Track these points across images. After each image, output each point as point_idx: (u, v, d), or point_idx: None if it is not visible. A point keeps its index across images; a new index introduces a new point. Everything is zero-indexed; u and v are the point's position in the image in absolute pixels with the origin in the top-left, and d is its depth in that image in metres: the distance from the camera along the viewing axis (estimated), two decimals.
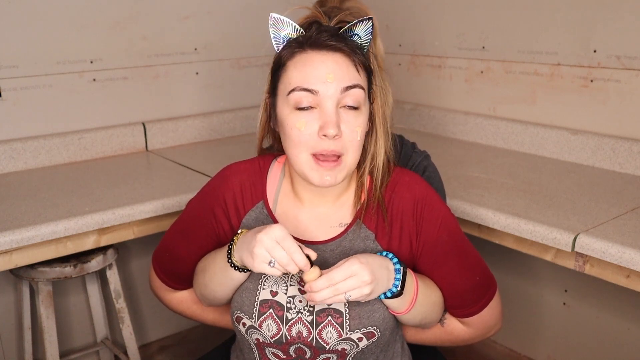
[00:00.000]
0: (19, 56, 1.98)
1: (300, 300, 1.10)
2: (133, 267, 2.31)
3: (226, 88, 2.44)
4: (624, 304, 1.95)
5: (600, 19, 1.89)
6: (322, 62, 1.01)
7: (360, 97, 1.03)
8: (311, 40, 1.03)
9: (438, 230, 1.11)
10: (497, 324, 1.24)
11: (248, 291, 1.11)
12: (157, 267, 1.27)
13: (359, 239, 1.11)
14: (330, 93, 1.01)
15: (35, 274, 1.74)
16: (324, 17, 1.07)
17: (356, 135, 1.03)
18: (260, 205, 1.15)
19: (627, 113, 1.88)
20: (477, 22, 2.23)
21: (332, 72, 1.00)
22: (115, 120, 2.21)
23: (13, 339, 2.09)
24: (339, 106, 1.02)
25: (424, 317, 1.16)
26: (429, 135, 2.41)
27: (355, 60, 1.03)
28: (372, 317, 1.08)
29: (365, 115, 1.06)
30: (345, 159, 1.04)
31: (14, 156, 1.99)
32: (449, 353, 2.33)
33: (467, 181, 1.81)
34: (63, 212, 1.60)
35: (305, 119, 1.02)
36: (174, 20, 2.27)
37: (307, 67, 1.02)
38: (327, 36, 1.02)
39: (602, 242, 1.37)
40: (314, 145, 1.02)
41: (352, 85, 1.02)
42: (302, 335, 1.09)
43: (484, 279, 1.18)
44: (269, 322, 1.09)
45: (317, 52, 1.02)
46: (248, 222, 1.15)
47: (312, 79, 1.01)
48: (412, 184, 1.12)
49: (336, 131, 1.00)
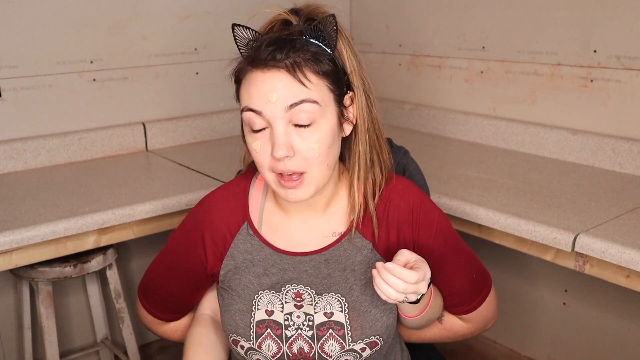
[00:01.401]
0: (19, 56, 1.98)
1: (298, 316, 1.08)
2: (133, 267, 2.31)
3: (226, 88, 2.42)
4: (624, 304, 1.95)
5: (600, 19, 1.89)
6: (264, 81, 0.96)
7: (312, 111, 0.96)
8: (253, 58, 0.97)
9: (435, 235, 1.11)
10: (494, 317, 1.24)
11: (241, 313, 1.09)
12: (147, 303, 1.23)
13: (355, 248, 1.09)
14: (274, 113, 0.96)
15: (35, 274, 1.74)
16: (293, 16, 1.02)
17: (314, 152, 0.97)
18: (245, 226, 1.12)
19: (627, 113, 1.88)
20: (477, 22, 2.23)
21: (274, 90, 0.95)
22: (115, 120, 2.21)
23: (13, 339, 2.09)
24: (291, 124, 0.97)
25: (429, 321, 1.17)
26: (429, 135, 2.41)
27: (301, 73, 0.95)
28: (374, 326, 1.07)
29: (328, 128, 0.99)
30: (308, 175, 0.99)
31: (14, 156, 1.99)
32: (449, 353, 2.34)
33: (467, 181, 1.81)
34: (63, 212, 1.60)
35: (259, 140, 0.99)
36: (174, 20, 2.27)
37: (252, 86, 0.97)
38: (268, 52, 0.95)
39: (602, 242, 1.37)
40: (272, 165, 0.99)
41: (298, 101, 0.95)
42: (304, 352, 1.07)
43: (480, 275, 1.18)
44: (268, 342, 1.08)
45: (259, 70, 0.96)
46: (237, 245, 1.12)
47: (255, 99, 0.97)
48: (406, 192, 1.11)
49: (285, 152, 0.96)
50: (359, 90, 1.03)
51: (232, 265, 1.12)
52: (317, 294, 1.09)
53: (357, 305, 1.07)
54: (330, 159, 1.01)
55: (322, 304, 1.08)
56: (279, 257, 1.10)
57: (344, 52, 1.02)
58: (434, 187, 1.66)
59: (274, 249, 1.10)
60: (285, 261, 1.10)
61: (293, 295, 1.09)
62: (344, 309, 1.07)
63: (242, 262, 1.11)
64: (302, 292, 1.09)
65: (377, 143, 1.08)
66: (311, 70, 0.97)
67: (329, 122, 0.99)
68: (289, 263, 1.10)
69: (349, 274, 1.09)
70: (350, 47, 1.03)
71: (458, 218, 1.64)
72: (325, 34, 0.99)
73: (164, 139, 2.29)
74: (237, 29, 1.02)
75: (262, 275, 1.10)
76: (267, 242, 1.11)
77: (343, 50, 1.02)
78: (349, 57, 1.02)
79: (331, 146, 1.00)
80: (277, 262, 1.10)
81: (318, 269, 1.09)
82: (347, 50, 1.02)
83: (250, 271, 1.10)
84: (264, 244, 1.11)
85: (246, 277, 1.10)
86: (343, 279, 1.09)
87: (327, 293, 1.08)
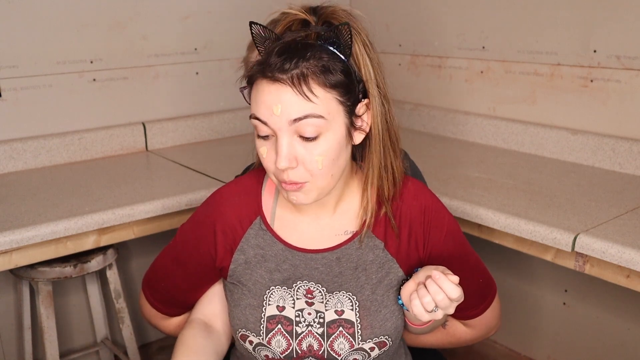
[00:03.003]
0: (19, 56, 1.98)
1: (309, 313, 1.08)
2: (133, 267, 2.31)
3: (226, 88, 2.44)
4: (624, 304, 1.95)
5: (600, 19, 1.89)
6: (270, 92, 0.95)
7: (317, 125, 0.95)
8: (263, 65, 0.96)
9: (445, 237, 1.11)
10: (498, 324, 1.25)
11: (252, 308, 1.09)
12: (150, 296, 1.22)
13: (367, 248, 1.10)
14: (278, 125, 0.95)
15: (35, 274, 1.74)
16: (311, 16, 1.01)
17: (317, 165, 0.97)
18: (258, 221, 1.12)
19: (627, 113, 1.88)
20: (477, 22, 2.23)
21: (279, 103, 0.94)
22: (115, 120, 2.21)
23: (13, 339, 2.09)
24: (296, 135, 0.96)
25: (433, 328, 1.17)
26: (429, 135, 2.41)
27: (307, 87, 0.94)
28: (384, 326, 1.07)
29: (333, 141, 0.98)
30: (310, 184, 0.99)
31: (14, 156, 1.99)
32: (449, 353, 2.33)
33: (467, 181, 1.81)
34: (63, 212, 1.60)
35: (266, 147, 0.99)
36: (174, 20, 2.27)
37: (259, 95, 0.97)
38: (277, 61, 0.94)
39: (602, 242, 1.37)
40: (275, 172, 1.00)
41: (302, 116, 0.94)
42: (313, 349, 1.07)
43: (486, 281, 1.18)
44: (278, 338, 1.08)
45: (267, 80, 0.95)
46: (248, 240, 1.12)
47: (261, 110, 0.96)
48: (418, 193, 1.11)
49: (288, 164, 0.96)
50: (375, 99, 1.01)
51: (243, 259, 1.12)
52: (328, 291, 1.09)
53: (368, 304, 1.08)
54: (335, 169, 1.00)
55: (333, 302, 1.08)
56: (291, 253, 1.10)
57: (361, 60, 1.00)
58: (434, 187, 1.65)
59: (286, 245, 1.10)
60: (297, 257, 1.10)
61: (304, 292, 1.09)
62: (354, 308, 1.08)
63: (254, 257, 1.11)
64: (313, 290, 1.09)
65: (391, 150, 1.07)
66: (319, 82, 0.95)
67: (336, 135, 0.98)
68: (301, 259, 1.10)
69: (361, 273, 1.09)
70: (368, 54, 1.01)
71: (458, 218, 1.64)
72: (340, 40, 0.97)
73: (164, 139, 2.29)
74: (254, 27, 1.01)
75: (273, 270, 1.10)
76: (280, 237, 1.11)
77: (359, 57, 1.00)
78: (365, 64, 1.00)
79: (337, 158, 1.00)
80: (288, 257, 1.10)
81: (329, 267, 1.09)
82: (364, 57, 1.00)
83: (261, 266, 1.10)
84: (277, 240, 1.11)
85: (257, 272, 1.10)
86: (354, 278, 1.09)
87: (338, 291, 1.08)
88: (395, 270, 1.10)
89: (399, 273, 1.10)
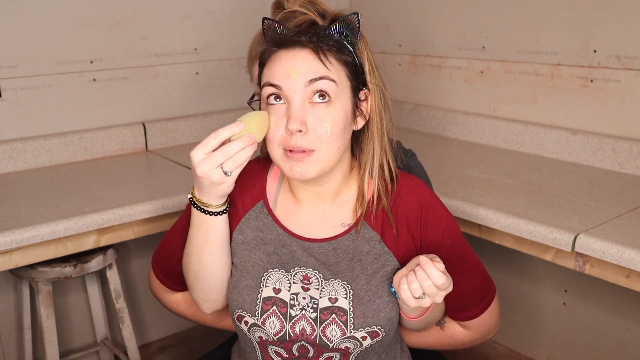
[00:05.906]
0: (19, 56, 1.98)
1: (303, 297, 1.10)
2: (133, 267, 2.31)
3: (226, 88, 2.44)
4: (624, 304, 1.95)
5: (600, 19, 1.89)
6: (288, 59, 1.02)
7: (329, 89, 1.01)
8: (281, 40, 1.03)
9: (442, 235, 1.12)
10: (496, 327, 1.25)
11: (249, 289, 1.12)
12: (156, 267, 1.28)
13: (364, 239, 1.11)
14: (294, 88, 1.00)
15: (35, 274, 1.74)
16: (319, 18, 1.06)
17: (326, 131, 1.01)
18: (260, 204, 1.16)
19: (627, 113, 1.88)
20: (477, 22, 2.23)
21: (295, 67, 1.00)
22: (115, 120, 2.21)
23: (13, 339, 2.09)
24: (307, 101, 1.01)
25: (428, 323, 1.17)
26: (429, 135, 2.41)
27: (323, 54, 1.01)
28: (377, 316, 1.08)
29: (342, 111, 1.03)
30: (316, 154, 1.02)
31: (14, 156, 1.99)
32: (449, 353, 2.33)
33: (467, 181, 1.81)
34: (63, 212, 1.60)
35: (274, 116, 1.03)
36: (174, 20, 2.27)
37: (275, 64, 1.03)
38: (294, 34, 1.02)
39: (602, 242, 1.37)
40: (283, 141, 1.02)
41: (318, 77, 1.00)
42: (306, 333, 1.09)
43: (484, 283, 1.18)
44: (272, 319, 1.10)
45: (284, 50, 1.02)
46: (248, 221, 1.15)
47: (277, 75, 1.02)
48: (417, 189, 1.13)
49: (299, 126, 0.99)
50: (374, 94, 1.07)
51: (241, 239, 1.15)
52: (324, 279, 1.11)
53: (362, 293, 1.09)
54: (341, 142, 1.04)
55: (328, 290, 1.10)
56: (290, 239, 1.13)
57: (365, 53, 1.07)
58: (434, 187, 1.65)
59: (286, 231, 1.13)
60: (295, 244, 1.12)
61: (301, 277, 1.11)
62: (348, 296, 1.09)
63: (253, 239, 1.14)
64: (310, 276, 1.11)
65: (387, 145, 1.11)
66: (333, 55, 1.02)
67: (344, 106, 1.03)
68: (298, 247, 1.12)
69: (356, 264, 1.11)
70: (369, 51, 1.08)
71: (458, 218, 1.64)
72: (348, 31, 1.03)
73: (164, 139, 2.29)
74: (266, 22, 1.07)
75: (272, 253, 1.13)
76: (280, 223, 1.14)
77: (364, 51, 1.06)
78: (369, 59, 1.07)
79: (344, 130, 1.04)
80: (287, 243, 1.13)
81: (326, 256, 1.11)
82: (368, 52, 1.07)
83: (260, 249, 1.13)
84: (277, 224, 1.14)
85: (256, 255, 1.13)
86: (350, 268, 1.11)
87: (333, 279, 1.10)
88: (392, 262, 1.11)
89: (395, 266, 1.11)
